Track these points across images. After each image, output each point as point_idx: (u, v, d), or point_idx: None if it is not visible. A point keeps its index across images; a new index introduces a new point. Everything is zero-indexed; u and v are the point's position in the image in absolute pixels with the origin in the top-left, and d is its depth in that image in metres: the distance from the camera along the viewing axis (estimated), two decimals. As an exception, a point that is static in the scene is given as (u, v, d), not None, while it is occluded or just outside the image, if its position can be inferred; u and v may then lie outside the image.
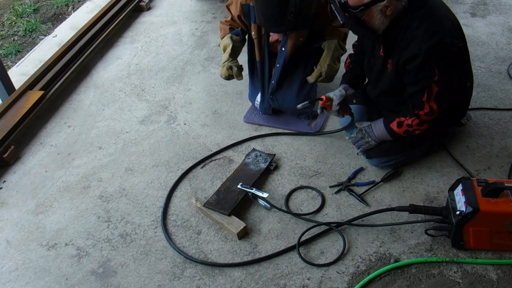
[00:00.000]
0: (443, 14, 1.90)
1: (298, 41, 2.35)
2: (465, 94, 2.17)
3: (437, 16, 1.87)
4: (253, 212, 2.10)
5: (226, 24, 2.49)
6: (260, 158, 2.32)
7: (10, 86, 2.86)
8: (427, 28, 1.84)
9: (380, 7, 1.84)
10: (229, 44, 2.40)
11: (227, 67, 2.38)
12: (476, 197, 1.76)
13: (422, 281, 1.77)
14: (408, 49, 1.89)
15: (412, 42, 1.87)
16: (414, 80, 1.94)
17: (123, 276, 1.89)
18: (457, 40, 1.89)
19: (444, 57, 1.85)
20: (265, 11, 2.16)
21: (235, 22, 2.45)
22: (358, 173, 2.25)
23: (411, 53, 1.87)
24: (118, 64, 3.26)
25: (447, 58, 1.86)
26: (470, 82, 2.16)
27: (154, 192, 2.25)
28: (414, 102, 1.96)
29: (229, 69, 2.37)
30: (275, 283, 1.81)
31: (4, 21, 4.16)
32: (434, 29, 1.84)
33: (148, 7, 3.94)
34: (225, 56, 2.41)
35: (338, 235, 1.96)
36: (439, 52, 1.84)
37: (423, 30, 1.85)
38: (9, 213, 2.21)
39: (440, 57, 1.85)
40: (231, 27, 2.47)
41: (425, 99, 1.91)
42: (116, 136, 2.62)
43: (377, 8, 1.85)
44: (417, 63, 1.87)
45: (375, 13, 1.87)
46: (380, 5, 1.83)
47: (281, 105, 2.54)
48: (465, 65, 2.05)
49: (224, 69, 2.39)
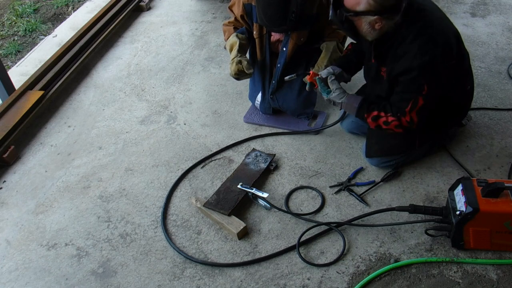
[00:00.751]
0: (439, 30, 1.89)
1: (299, 41, 2.35)
2: (465, 97, 2.17)
3: (432, 32, 1.87)
4: (253, 212, 2.10)
5: (229, 25, 2.49)
6: (260, 158, 2.32)
7: (10, 86, 2.86)
8: (421, 44, 1.85)
9: (369, 20, 1.86)
10: (236, 42, 2.38)
11: (236, 61, 2.32)
12: (476, 197, 1.76)
13: (422, 281, 1.77)
14: (400, 62, 1.91)
15: (405, 56, 1.88)
16: (402, 90, 1.96)
17: (123, 276, 1.89)
18: (448, 58, 1.89)
19: (434, 75, 1.88)
20: (267, 11, 2.16)
21: (238, 22, 2.45)
22: (358, 173, 2.25)
23: (403, 68, 1.90)
24: (118, 64, 3.26)
25: (437, 76, 1.89)
26: (470, 85, 2.16)
27: (154, 192, 2.25)
28: (397, 108, 1.98)
29: (238, 63, 2.32)
30: (275, 283, 1.81)
31: (4, 21, 4.16)
32: (427, 47, 1.84)
33: (148, 7, 3.94)
34: (233, 53, 2.37)
35: (338, 235, 1.96)
36: (429, 70, 1.86)
37: (416, 46, 1.85)
38: (9, 213, 2.21)
39: (430, 74, 1.87)
40: (235, 27, 2.47)
41: (408, 109, 1.93)
42: (116, 136, 2.62)
43: (366, 20, 1.87)
44: (408, 78, 1.90)
45: (363, 23, 1.89)
46: (369, 18, 1.85)
47: (281, 105, 2.54)
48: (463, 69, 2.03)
49: (234, 65, 2.33)
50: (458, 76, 2.02)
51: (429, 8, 1.94)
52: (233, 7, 2.45)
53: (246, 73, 2.34)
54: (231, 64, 2.35)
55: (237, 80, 2.42)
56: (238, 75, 2.36)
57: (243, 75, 2.36)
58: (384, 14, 1.82)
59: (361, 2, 1.82)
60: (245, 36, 2.42)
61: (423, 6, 1.92)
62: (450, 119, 2.19)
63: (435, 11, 1.98)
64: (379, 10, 1.81)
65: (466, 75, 2.11)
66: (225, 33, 2.50)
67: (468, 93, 2.17)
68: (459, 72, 2.00)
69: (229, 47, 2.42)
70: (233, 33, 2.42)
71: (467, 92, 2.16)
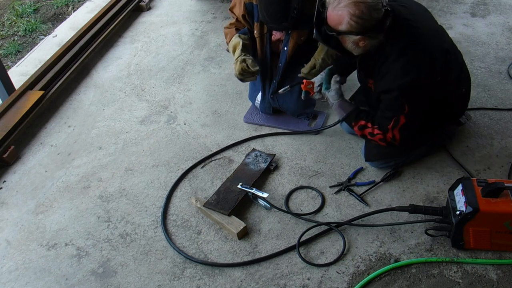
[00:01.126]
0: (423, 48, 1.87)
1: (300, 41, 2.35)
2: (460, 99, 2.18)
3: (415, 51, 1.85)
4: (253, 212, 2.10)
5: (230, 27, 2.47)
6: (260, 158, 2.32)
7: (10, 86, 2.86)
8: (402, 65, 1.85)
9: (352, 39, 1.86)
10: (239, 42, 2.36)
11: (240, 60, 2.30)
12: (476, 197, 1.76)
13: (422, 281, 1.77)
14: (382, 81, 1.92)
15: (387, 76, 1.89)
16: (385, 108, 1.98)
17: (123, 276, 1.89)
18: (432, 76, 1.89)
19: (415, 95, 1.89)
20: (269, 7, 2.16)
21: (240, 23, 2.45)
22: (358, 173, 2.25)
23: (385, 87, 1.91)
24: (118, 64, 3.26)
25: (418, 96, 1.90)
26: (465, 88, 2.16)
27: (154, 192, 2.25)
28: (381, 124, 1.99)
29: (242, 62, 2.29)
30: (275, 283, 1.81)
31: (4, 21, 4.16)
32: (408, 68, 1.84)
33: (148, 7, 3.94)
34: (236, 53, 2.35)
35: (338, 235, 1.96)
36: (410, 90, 1.86)
37: (398, 66, 1.85)
38: (9, 213, 2.21)
39: (411, 95, 1.88)
40: (237, 28, 2.46)
41: (391, 127, 1.94)
42: (116, 136, 2.62)
43: (350, 39, 1.87)
44: (389, 97, 1.92)
45: (347, 41, 1.90)
46: (352, 37, 1.85)
47: (282, 105, 2.54)
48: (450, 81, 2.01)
49: (238, 64, 2.30)
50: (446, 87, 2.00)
51: (415, 24, 1.91)
52: (234, 8, 2.45)
53: (250, 73, 2.32)
54: (235, 63, 2.33)
55: (241, 81, 2.39)
56: (242, 75, 2.33)
57: (248, 75, 2.34)
58: (366, 34, 1.82)
59: (342, 23, 1.81)
60: (247, 37, 2.41)
61: (409, 22, 1.89)
62: (446, 120, 2.19)
63: (423, 25, 1.94)
64: (361, 30, 1.81)
65: (459, 80, 2.10)
66: (226, 36, 2.49)
67: (464, 95, 2.17)
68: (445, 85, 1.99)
69: (232, 48, 2.40)
70: (235, 34, 2.41)
71: (463, 94, 2.16)
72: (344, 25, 1.81)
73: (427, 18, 2.04)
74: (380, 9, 1.78)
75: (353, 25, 1.79)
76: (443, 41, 2.00)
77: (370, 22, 1.79)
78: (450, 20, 3.44)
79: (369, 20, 1.78)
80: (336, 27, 1.84)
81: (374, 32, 1.82)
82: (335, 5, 1.81)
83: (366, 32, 1.81)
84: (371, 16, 1.77)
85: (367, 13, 1.76)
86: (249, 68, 2.29)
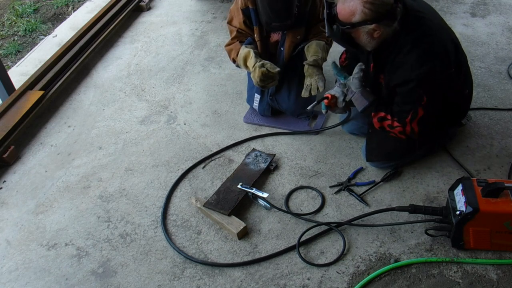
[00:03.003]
0: (437, 38, 1.87)
1: (296, 40, 2.35)
2: (463, 100, 2.17)
3: (430, 41, 1.85)
4: (253, 212, 2.10)
5: (232, 42, 2.43)
6: (260, 158, 2.32)
7: (10, 86, 2.86)
8: (418, 55, 1.83)
9: (367, 30, 1.84)
10: (249, 51, 2.31)
11: (258, 66, 2.24)
12: (476, 197, 1.76)
13: (422, 281, 1.77)
14: (397, 73, 1.89)
15: (402, 67, 1.87)
16: (402, 101, 1.95)
17: (123, 276, 1.89)
18: (447, 66, 1.88)
19: (433, 85, 1.86)
20: (274, 6, 2.16)
21: (241, 34, 2.41)
22: (358, 173, 2.25)
23: (401, 79, 1.88)
24: (118, 64, 3.26)
25: (435, 86, 1.87)
26: (468, 89, 2.16)
27: (154, 192, 2.25)
28: (398, 118, 1.96)
29: (260, 67, 2.23)
30: (275, 283, 1.81)
31: (4, 21, 4.16)
32: (424, 57, 1.83)
33: (148, 7, 3.94)
34: (251, 62, 2.28)
35: (338, 235, 1.96)
36: (428, 80, 1.85)
37: (414, 56, 1.84)
38: (9, 213, 2.21)
39: (429, 85, 1.86)
40: (240, 41, 2.41)
41: (409, 120, 1.92)
42: (116, 136, 2.62)
43: (364, 30, 1.85)
44: (406, 89, 1.89)
45: (361, 33, 1.87)
46: (367, 28, 1.83)
47: (281, 106, 2.54)
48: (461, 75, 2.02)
49: (257, 71, 2.23)
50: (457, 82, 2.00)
51: (427, 16, 1.92)
52: (233, 20, 2.42)
53: (272, 76, 2.25)
54: (254, 71, 2.25)
55: (263, 88, 2.33)
56: (264, 81, 2.26)
57: (269, 80, 2.27)
58: (381, 21, 1.80)
59: (356, 13, 1.79)
60: (254, 46, 2.37)
61: (421, 14, 1.89)
62: (448, 121, 2.19)
63: (433, 18, 1.96)
64: (376, 17, 1.79)
65: (464, 80, 2.10)
66: (231, 52, 2.42)
67: (466, 96, 2.17)
68: (458, 78, 1.99)
69: (243, 60, 2.33)
70: (242, 46, 2.37)
71: (465, 96, 2.16)
72: (358, 15, 1.79)
73: (434, 12, 2.04)
74: None
75: (367, 12, 1.77)
76: (450, 34, 2.00)
77: (384, 7, 1.77)
78: (450, 20, 3.44)
79: (382, 4, 1.77)
80: (350, 19, 1.82)
81: (388, 19, 1.81)
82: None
83: (380, 19, 1.79)
84: (383, 1, 1.77)
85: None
86: (270, 72, 2.23)
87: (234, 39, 2.43)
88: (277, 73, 2.25)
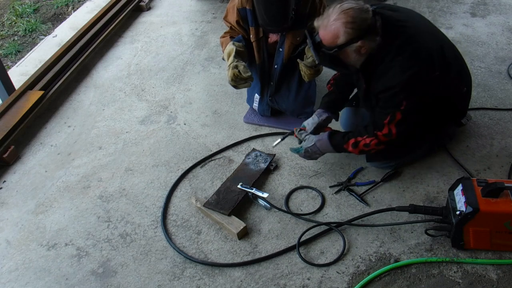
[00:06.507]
0: (419, 45, 1.89)
1: (295, 41, 2.35)
2: (461, 98, 2.17)
3: (411, 48, 1.87)
4: (253, 212, 2.10)
5: (225, 35, 2.46)
6: (260, 158, 2.32)
7: (10, 86, 2.86)
8: (400, 62, 1.87)
9: (354, 48, 1.88)
10: (233, 49, 2.33)
11: (232, 66, 2.27)
12: (476, 197, 1.76)
13: (422, 281, 1.77)
14: (381, 81, 1.93)
15: (386, 75, 1.90)
16: (381, 106, 1.99)
17: (123, 276, 1.89)
18: (430, 71, 1.90)
19: (414, 91, 1.89)
20: (269, 10, 2.16)
21: (234, 30, 2.43)
22: (358, 173, 2.25)
23: (384, 86, 1.92)
24: (118, 64, 3.26)
25: (417, 91, 1.90)
26: (466, 87, 2.16)
27: (154, 192, 2.25)
28: (376, 122, 1.99)
29: (234, 68, 2.26)
30: (275, 283, 1.81)
31: (4, 21, 4.16)
32: (406, 64, 1.86)
33: (148, 7, 3.94)
34: (229, 60, 2.31)
35: (338, 235, 1.96)
36: (410, 86, 1.87)
37: (396, 64, 1.87)
38: (9, 213, 2.21)
39: (410, 91, 1.88)
40: (232, 36, 2.43)
41: (387, 121, 1.94)
42: (116, 136, 2.62)
43: (351, 49, 1.88)
44: (388, 95, 1.92)
45: (349, 53, 1.91)
46: (353, 46, 1.87)
47: (281, 106, 2.54)
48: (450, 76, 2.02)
49: (230, 70, 2.26)
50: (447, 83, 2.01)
51: (409, 23, 1.95)
52: (228, 17, 2.44)
53: (243, 79, 2.28)
54: (228, 70, 2.30)
55: (235, 88, 2.34)
56: (235, 81, 2.29)
57: (241, 81, 2.29)
58: (365, 36, 1.84)
59: (340, 35, 1.84)
60: (242, 44, 2.38)
61: (402, 23, 1.93)
62: (447, 120, 2.19)
63: (416, 24, 1.98)
64: (359, 34, 1.83)
65: (461, 78, 2.10)
66: (222, 45, 2.45)
67: (465, 94, 2.17)
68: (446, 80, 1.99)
69: (227, 56, 2.37)
70: (230, 42, 2.39)
71: (463, 94, 2.16)
72: (342, 36, 1.84)
73: (418, 18, 2.07)
74: (367, 10, 1.85)
75: (350, 32, 1.83)
76: (437, 37, 2.02)
77: (365, 23, 1.83)
78: (450, 20, 3.45)
79: (362, 21, 1.82)
80: (335, 42, 1.87)
81: (371, 34, 1.85)
82: (325, 23, 1.87)
83: (364, 35, 1.84)
84: (362, 18, 1.82)
85: (357, 15, 1.82)
86: (241, 74, 2.26)
87: (227, 33, 2.47)
88: (248, 77, 2.28)
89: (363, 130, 2.03)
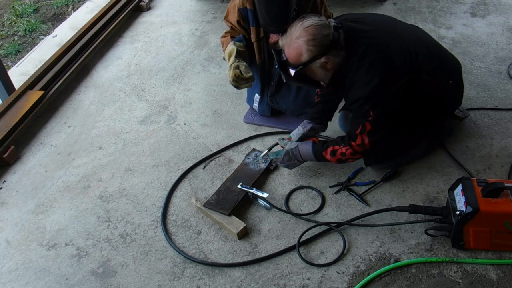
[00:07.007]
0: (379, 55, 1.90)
1: None
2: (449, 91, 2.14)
3: (371, 59, 1.88)
4: (253, 212, 2.10)
5: (226, 35, 2.45)
6: (260, 158, 2.32)
7: (10, 86, 2.87)
8: (364, 74, 1.88)
9: (319, 64, 1.90)
10: (234, 49, 2.32)
11: (233, 67, 2.26)
12: (476, 197, 1.76)
13: (422, 281, 1.77)
14: (349, 94, 1.96)
15: (352, 88, 1.93)
16: (353, 116, 2.02)
17: (123, 276, 1.89)
18: (394, 79, 1.90)
19: (379, 100, 1.90)
20: (271, 10, 2.16)
21: (235, 30, 2.42)
22: (358, 173, 2.25)
23: (352, 99, 1.95)
24: (118, 64, 3.26)
25: (382, 101, 1.91)
26: (453, 80, 2.12)
27: (154, 192, 2.25)
28: (350, 132, 2.01)
29: (235, 68, 2.25)
30: (275, 283, 1.81)
31: (4, 21, 4.17)
32: (368, 76, 1.88)
33: (148, 7, 3.94)
34: (230, 60, 2.30)
35: (338, 235, 1.96)
36: (373, 97, 1.89)
37: (360, 76, 1.89)
38: (9, 213, 2.21)
39: (374, 103, 1.90)
40: (232, 36, 2.42)
41: (359, 132, 1.95)
42: (116, 136, 2.62)
43: (316, 65, 1.90)
44: (355, 106, 1.94)
45: (315, 69, 1.93)
46: (318, 62, 1.89)
47: (281, 106, 2.54)
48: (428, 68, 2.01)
49: (231, 71, 2.24)
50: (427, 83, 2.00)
51: (370, 33, 1.95)
52: (228, 16, 2.44)
53: (244, 79, 2.27)
54: (229, 70, 2.29)
55: (236, 88, 2.34)
56: (236, 82, 2.28)
57: (242, 81, 2.28)
58: (328, 52, 1.86)
59: (302, 53, 1.87)
60: (243, 44, 2.37)
61: (361, 34, 1.94)
62: (440, 114, 2.18)
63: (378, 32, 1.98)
64: (322, 50, 1.85)
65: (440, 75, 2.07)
66: (223, 45, 2.44)
67: (452, 87, 2.13)
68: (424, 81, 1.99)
69: (228, 56, 2.36)
70: (231, 42, 2.38)
71: (450, 87, 2.12)
72: (305, 54, 1.87)
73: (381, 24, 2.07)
74: (328, 25, 1.87)
75: (312, 49, 1.85)
76: (404, 40, 2.01)
77: (326, 39, 1.85)
78: (450, 20, 3.45)
79: (324, 37, 1.85)
80: (300, 60, 1.89)
81: (334, 49, 1.87)
82: (288, 42, 1.90)
83: (327, 51, 1.86)
84: (323, 34, 1.85)
85: (318, 33, 1.84)
86: (242, 75, 2.25)
87: (228, 33, 2.46)
88: (249, 77, 2.27)
89: (340, 140, 2.04)
